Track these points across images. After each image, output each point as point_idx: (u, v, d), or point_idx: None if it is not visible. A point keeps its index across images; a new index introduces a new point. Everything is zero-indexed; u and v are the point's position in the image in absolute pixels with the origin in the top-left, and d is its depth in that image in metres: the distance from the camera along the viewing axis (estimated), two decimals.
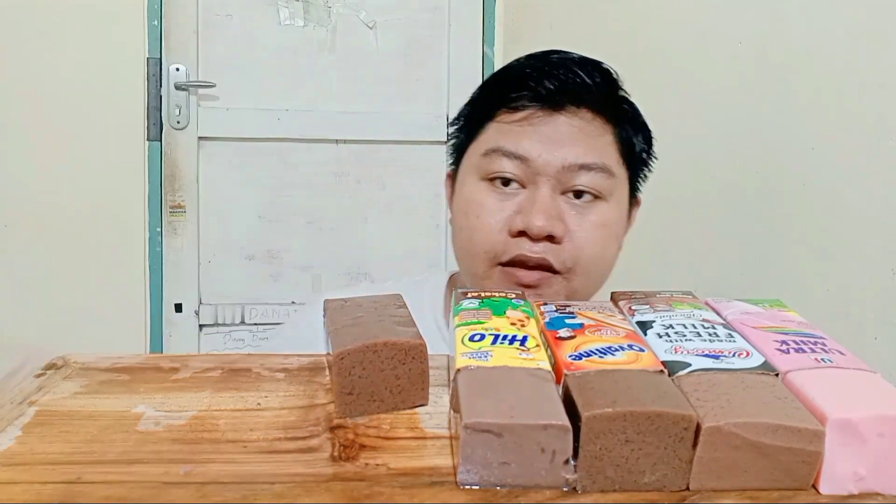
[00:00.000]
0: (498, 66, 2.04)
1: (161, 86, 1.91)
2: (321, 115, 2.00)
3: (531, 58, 0.72)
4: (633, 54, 1.49)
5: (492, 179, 0.69)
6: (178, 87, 1.92)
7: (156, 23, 1.89)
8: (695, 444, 0.33)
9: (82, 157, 1.84)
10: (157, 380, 0.46)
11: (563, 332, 0.42)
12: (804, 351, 0.40)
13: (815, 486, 0.34)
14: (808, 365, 0.38)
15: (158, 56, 1.90)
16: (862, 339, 0.92)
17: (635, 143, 0.72)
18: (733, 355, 0.39)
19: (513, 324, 0.43)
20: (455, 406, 0.36)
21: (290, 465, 0.35)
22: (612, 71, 0.73)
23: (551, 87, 0.67)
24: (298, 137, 1.99)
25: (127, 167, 1.88)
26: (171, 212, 1.95)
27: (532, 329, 0.43)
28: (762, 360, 0.39)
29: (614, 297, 0.50)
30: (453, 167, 0.76)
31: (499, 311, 0.45)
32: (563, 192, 0.68)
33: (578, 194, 0.68)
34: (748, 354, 0.39)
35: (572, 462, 0.33)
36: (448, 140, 0.76)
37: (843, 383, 0.37)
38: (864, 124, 0.95)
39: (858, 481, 0.34)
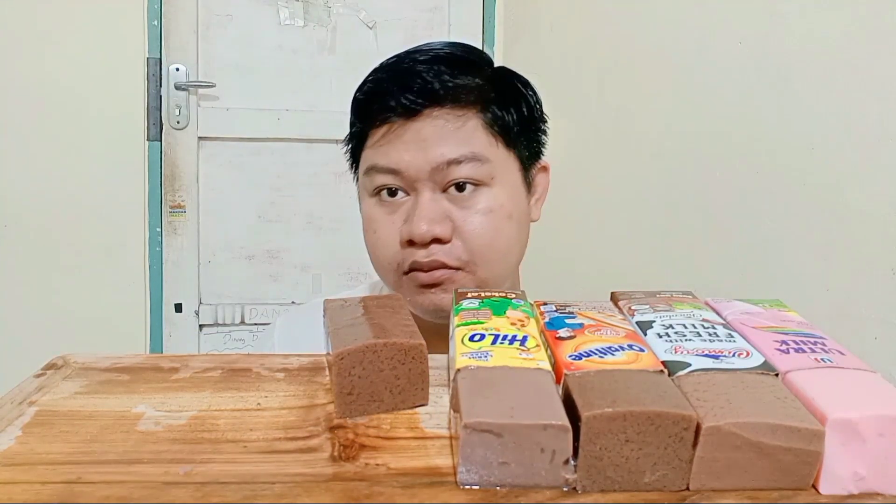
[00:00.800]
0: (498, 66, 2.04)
1: (161, 86, 1.91)
2: (321, 115, 2.00)
3: (381, 70, 0.74)
4: (633, 54, 1.49)
5: (377, 193, 0.71)
6: (178, 87, 1.92)
7: (156, 23, 1.89)
8: (695, 444, 0.33)
9: (82, 157, 1.84)
10: (157, 380, 0.46)
11: (563, 332, 0.42)
12: (804, 351, 0.40)
13: (815, 486, 0.34)
14: (808, 365, 0.38)
15: (158, 56, 1.90)
16: (862, 339, 0.92)
17: (508, 119, 0.72)
18: (733, 355, 0.39)
19: (513, 324, 0.43)
20: (455, 406, 0.36)
21: (290, 465, 0.35)
22: (467, 57, 0.74)
23: (402, 98, 0.69)
24: (298, 137, 2.00)
25: (127, 167, 1.88)
26: (171, 212, 1.95)
27: (532, 329, 0.43)
28: (762, 360, 0.39)
29: (614, 297, 0.50)
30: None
31: (499, 311, 0.45)
32: (445, 190, 0.70)
33: (460, 187, 0.69)
34: (748, 354, 0.39)
35: (572, 462, 0.33)
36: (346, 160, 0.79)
37: (843, 383, 0.37)
38: (864, 124, 0.95)
39: (858, 481, 0.34)
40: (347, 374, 0.40)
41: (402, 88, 0.70)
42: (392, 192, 0.71)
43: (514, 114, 0.73)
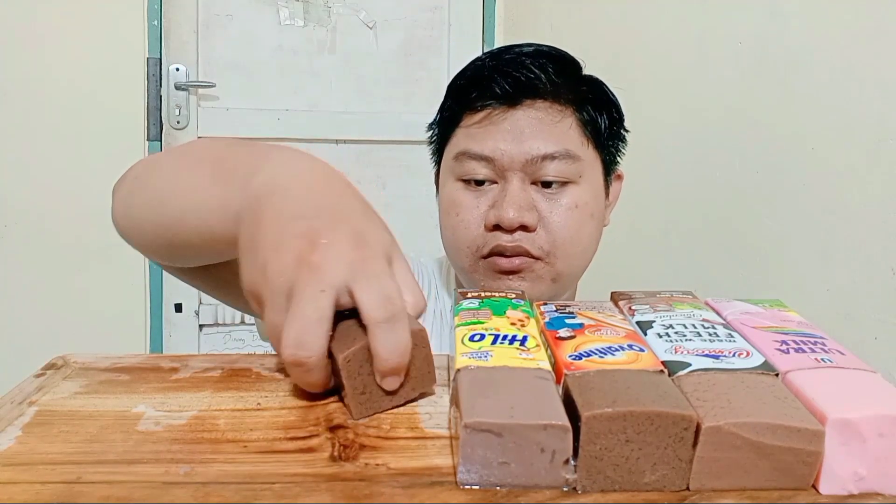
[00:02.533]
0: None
1: (161, 86, 1.91)
2: (321, 115, 2.00)
3: (486, 58, 0.76)
4: (634, 54, 1.49)
5: (466, 180, 0.73)
6: (178, 87, 1.92)
7: (156, 23, 1.89)
8: (695, 444, 0.33)
9: (82, 157, 1.84)
10: (157, 380, 0.46)
11: (563, 332, 0.42)
12: (804, 351, 0.40)
13: (815, 486, 0.34)
14: (808, 365, 0.38)
15: (158, 56, 1.90)
16: (862, 339, 0.92)
17: (600, 123, 0.75)
18: (733, 355, 0.39)
19: (513, 324, 0.43)
20: (455, 406, 0.36)
21: (290, 465, 0.35)
22: (567, 57, 0.76)
23: (506, 84, 0.71)
24: (298, 137, 2.00)
25: (127, 167, 1.88)
26: None
27: (532, 329, 0.43)
28: (762, 360, 0.39)
29: (614, 297, 0.50)
30: (436, 169, 0.81)
31: (499, 311, 0.45)
32: (534, 182, 0.71)
33: (547, 184, 0.71)
34: (748, 354, 0.39)
35: (572, 462, 0.33)
36: (429, 143, 0.81)
37: (843, 383, 0.37)
38: (864, 124, 0.95)
39: (858, 481, 0.34)
40: (356, 374, 0.40)
41: (505, 76, 0.71)
42: (479, 182, 0.72)
43: (606, 119, 0.75)
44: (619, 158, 0.80)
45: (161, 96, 1.92)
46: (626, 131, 0.80)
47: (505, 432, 0.33)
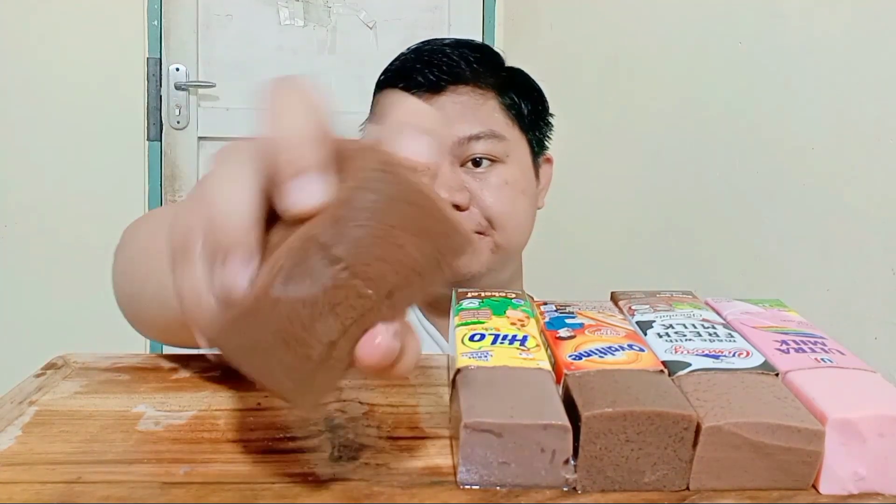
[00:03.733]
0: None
1: (161, 86, 1.91)
2: None
3: (408, 52, 0.79)
4: (633, 54, 1.49)
5: None
6: (178, 87, 1.92)
7: (156, 23, 1.89)
8: (695, 444, 0.33)
9: (82, 157, 1.84)
10: (157, 380, 0.46)
11: (563, 332, 0.42)
12: (804, 351, 0.40)
13: (815, 486, 0.34)
14: (808, 365, 0.38)
15: (158, 56, 1.90)
16: (862, 339, 0.92)
17: (523, 107, 0.79)
18: (733, 355, 0.39)
19: (513, 324, 0.43)
20: (455, 406, 0.36)
21: (290, 465, 0.35)
22: (487, 47, 0.81)
23: (429, 73, 0.75)
24: None
25: (127, 167, 1.88)
26: None
27: (532, 329, 0.43)
28: (762, 359, 0.39)
29: (614, 297, 0.50)
30: None
31: (499, 311, 0.45)
32: (463, 164, 0.75)
33: (477, 163, 0.74)
34: (748, 354, 0.39)
35: (572, 462, 0.33)
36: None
37: (843, 383, 0.37)
38: (864, 124, 0.95)
39: (858, 481, 0.34)
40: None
41: (427, 65, 0.75)
42: None
43: (529, 104, 0.79)
44: (546, 143, 0.84)
45: (161, 96, 1.92)
46: (551, 116, 0.83)
47: (505, 432, 0.33)
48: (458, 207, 0.73)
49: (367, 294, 0.26)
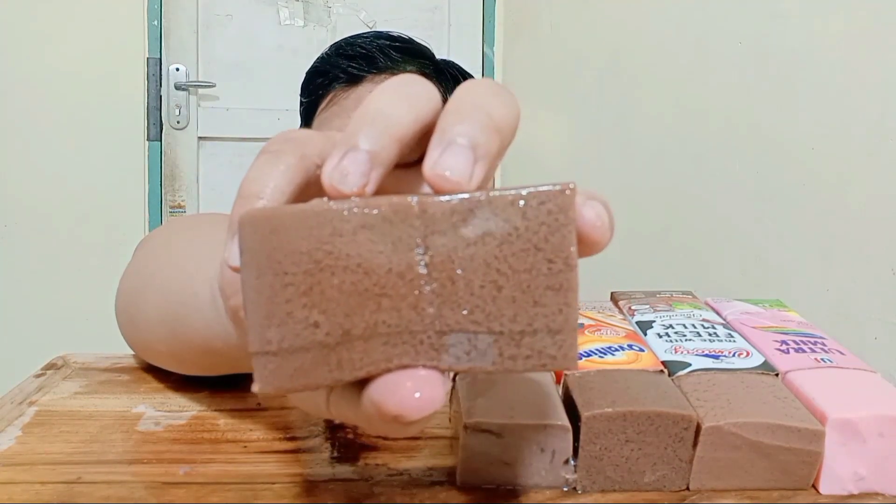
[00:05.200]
0: (498, 66, 2.05)
1: (161, 86, 1.91)
2: None
3: (327, 50, 0.79)
4: (634, 54, 1.49)
5: None
6: (178, 87, 1.92)
7: (156, 23, 1.89)
8: (695, 444, 0.33)
9: (82, 157, 1.84)
10: (157, 380, 0.46)
11: None
12: (804, 351, 0.40)
13: (815, 486, 0.34)
14: (808, 365, 0.38)
15: (158, 56, 1.90)
16: (862, 339, 0.92)
17: (445, 99, 0.77)
18: (733, 355, 0.39)
19: None
20: (455, 406, 0.36)
21: (290, 465, 0.35)
22: (410, 40, 0.79)
23: (346, 66, 0.74)
24: None
25: (127, 167, 1.88)
26: (171, 212, 1.95)
27: None
28: (762, 359, 0.39)
29: (614, 297, 0.50)
30: None
31: None
32: None
33: None
34: (748, 354, 0.39)
35: (572, 462, 0.33)
36: None
37: (843, 383, 0.37)
38: (864, 124, 0.95)
39: (858, 481, 0.34)
40: None
41: (345, 58, 0.74)
42: None
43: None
44: None
45: (161, 96, 1.91)
46: None
47: (505, 432, 0.33)
48: None
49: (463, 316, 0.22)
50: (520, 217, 0.22)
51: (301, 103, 0.80)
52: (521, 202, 0.22)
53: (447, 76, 0.78)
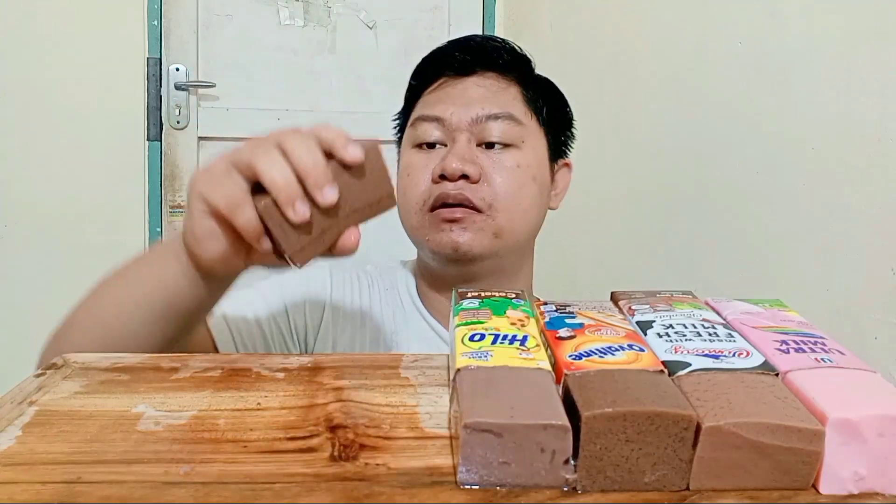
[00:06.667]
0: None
1: (161, 86, 1.91)
2: (321, 115, 2.00)
3: (444, 44, 0.84)
4: (634, 54, 1.49)
5: (420, 145, 0.79)
6: (178, 87, 1.92)
7: (156, 23, 1.89)
8: (695, 444, 0.33)
9: (82, 157, 1.84)
10: (157, 380, 0.46)
11: (563, 332, 0.42)
12: (804, 351, 0.40)
13: (815, 486, 0.34)
14: (808, 365, 0.38)
15: (158, 56, 1.90)
16: (862, 339, 0.92)
17: (541, 103, 0.82)
18: (733, 355, 0.39)
19: (513, 323, 0.43)
20: (455, 406, 0.36)
21: (290, 465, 0.35)
22: (519, 50, 0.84)
23: (458, 55, 0.80)
24: None
25: (127, 167, 1.88)
26: (171, 212, 1.95)
27: (532, 329, 0.43)
28: (762, 359, 0.39)
29: (614, 297, 0.50)
30: (398, 150, 0.87)
31: (499, 311, 0.45)
32: (479, 144, 0.77)
33: (491, 146, 0.77)
34: (748, 354, 0.39)
35: (572, 462, 0.33)
36: (396, 134, 0.87)
37: (843, 383, 0.37)
38: (864, 124, 0.95)
39: (858, 481, 0.34)
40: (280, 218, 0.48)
41: (459, 50, 0.80)
42: (431, 146, 0.78)
43: (550, 106, 0.83)
44: (566, 149, 0.86)
45: (161, 96, 1.91)
46: (572, 124, 0.87)
47: (505, 432, 0.33)
48: (467, 178, 0.74)
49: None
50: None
51: (409, 86, 0.84)
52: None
53: (540, 85, 0.83)
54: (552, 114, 0.83)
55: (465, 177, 0.74)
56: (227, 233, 0.50)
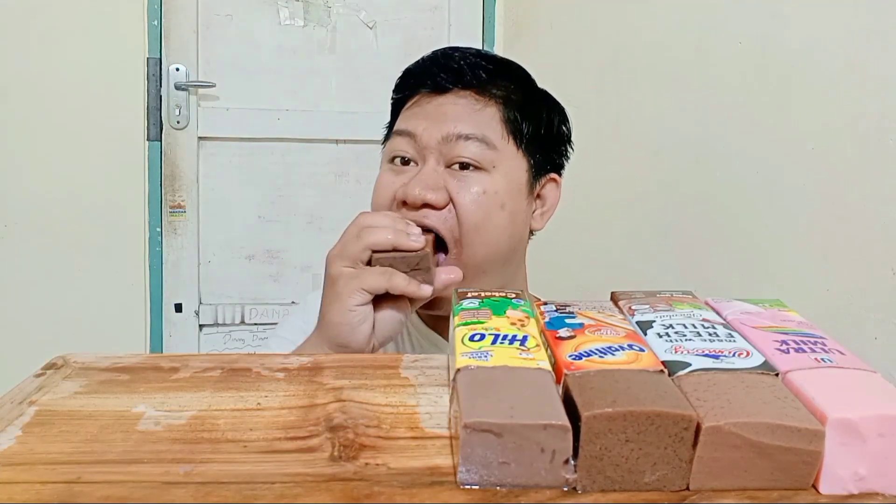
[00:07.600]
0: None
1: (161, 86, 1.91)
2: (321, 115, 2.00)
3: (426, 56, 0.82)
4: (634, 54, 1.49)
5: (392, 160, 0.77)
6: (178, 87, 1.92)
7: (156, 23, 1.89)
8: (695, 444, 0.33)
9: (82, 157, 1.84)
10: (157, 380, 0.46)
11: (563, 332, 0.42)
12: (804, 351, 0.40)
13: (815, 486, 0.34)
14: (808, 365, 0.38)
15: (158, 56, 1.90)
16: (862, 339, 0.92)
17: (524, 125, 0.78)
18: (733, 355, 0.39)
19: (513, 324, 0.43)
20: (455, 406, 0.36)
21: (290, 465, 0.35)
22: (515, 64, 0.81)
23: (437, 74, 0.77)
24: (298, 137, 1.99)
25: (127, 167, 1.88)
26: (171, 212, 1.95)
27: (532, 329, 0.43)
28: (762, 359, 0.39)
29: (614, 297, 0.50)
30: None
31: (499, 311, 0.45)
32: (449, 165, 0.74)
33: (463, 166, 0.74)
34: (748, 354, 0.39)
35: (572, 462, 0.33)
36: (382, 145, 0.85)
37: (843, 383, 0.37)
38: (864, 124, 0.95)
39: (858, 481, 0.34)
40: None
41: (438, 68, 0.78)
42: (405, 161, 0.76)
43: (533, 124, 0.78)
44: (555, 164, 0.82)
45: (161, 96, 1.91)
46: (565, 141, 0.83)
47: (505, 432, 0.33)
48: (432, 206, 0.72)
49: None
50: None
51: (392, 98, 0.84)
52: None
53: (526, 103, 0.78)
54: (540, 131, 0.79)
55: (426, 204, 0.72)
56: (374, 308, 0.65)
